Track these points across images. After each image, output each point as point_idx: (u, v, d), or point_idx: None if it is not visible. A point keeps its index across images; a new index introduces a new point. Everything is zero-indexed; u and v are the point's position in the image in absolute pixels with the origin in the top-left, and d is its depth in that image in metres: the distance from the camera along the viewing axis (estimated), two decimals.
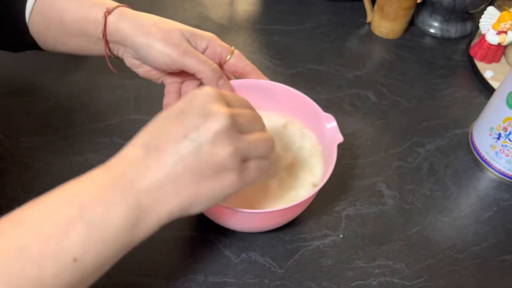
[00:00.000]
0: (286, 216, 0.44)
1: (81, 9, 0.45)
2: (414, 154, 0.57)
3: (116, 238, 0.29)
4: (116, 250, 0.29)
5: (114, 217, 0.28)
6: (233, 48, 0.48)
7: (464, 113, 0.63)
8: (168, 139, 0.30)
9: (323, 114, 0.47)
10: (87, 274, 0.28)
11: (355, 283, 0.45)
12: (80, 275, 0.28)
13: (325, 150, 0.47)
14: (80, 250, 0.27)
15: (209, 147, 0.30)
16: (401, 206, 0.52)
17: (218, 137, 0.30)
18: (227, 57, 0.47)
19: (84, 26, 0.45)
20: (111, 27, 0.44)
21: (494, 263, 0.48)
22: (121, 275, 0.44)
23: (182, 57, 0.43)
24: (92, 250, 0.28)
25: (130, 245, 0.30)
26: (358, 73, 0.67)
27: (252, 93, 0.49)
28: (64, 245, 0.27)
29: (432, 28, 0.75)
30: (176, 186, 0.29)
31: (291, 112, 0.51)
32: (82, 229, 0.27)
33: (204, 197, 0.31)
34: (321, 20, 0.76)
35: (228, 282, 0.44)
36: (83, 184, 0.29)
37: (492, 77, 0.66)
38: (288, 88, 0.49)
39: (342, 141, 0.45)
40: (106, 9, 0.44)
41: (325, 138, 0.47)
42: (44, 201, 0.28)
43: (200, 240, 0.47)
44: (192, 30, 0.45)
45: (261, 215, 0.41)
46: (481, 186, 0.55)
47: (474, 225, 0.51)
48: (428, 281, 0.46)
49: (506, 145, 0.53)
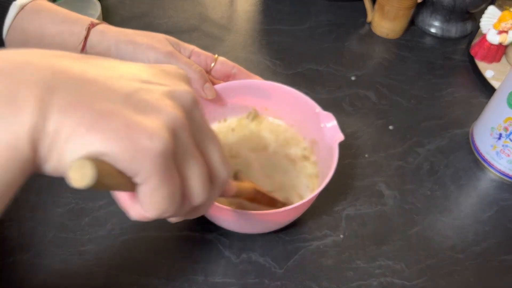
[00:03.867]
0: (286, 217, 0.44)
1: (63, 23, 0.45)
2: (414, 154, 0.57)
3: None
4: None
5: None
6: (216, 55, 0.48)
7: (464, 113, 0.63)
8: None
9: (322, 113, 0.47)
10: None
11: (355, 283, 0.45)
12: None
13: (325, 149, 0.47)
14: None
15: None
16: (401, 206, 0.52)
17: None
18: (212, 64, 0.48)
19: (64, 38, 0.45)
20: (94, 39, 0.45)
21: (494, 263, 0.48)
22: (121, 275, 0.44)
23: (167, 58, 0.44)
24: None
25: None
26: (358, 73, 0.67)
27: (245, 94, 0.49)
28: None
29: (432, 28, 0.75)
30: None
31: (286, 111, 0.51)
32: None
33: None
34: (321, 20, 0.76)
35: (228, 282, 0.44)
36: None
37: (492, 77, 0.66)
38: (283, 87, 0.49)
39: (342, 139, 0.44)
40: (91, 22, 0.45)
41: (325, 137, 0.47)
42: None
43: (200, 241, 0.47)
44: (175, 39, 0.47)
45: (261, 216, 0.41)
46: (481, 186, 0.55)
47: (475, 225, 0.51)
48: (428, 281, 0.46)
49: (507, 145, 0.53)
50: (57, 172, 0.22)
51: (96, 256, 0.45)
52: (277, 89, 0.49)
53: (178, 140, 0.23)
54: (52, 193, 0.49)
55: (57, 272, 0.43)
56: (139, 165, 0.21)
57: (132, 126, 0.21)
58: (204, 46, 0.69)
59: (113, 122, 0.21)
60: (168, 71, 0.27)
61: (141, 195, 0.23)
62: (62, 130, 0.21)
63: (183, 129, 0.24)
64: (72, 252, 0.45)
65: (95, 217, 0.48)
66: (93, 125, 0.21)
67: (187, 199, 0.25)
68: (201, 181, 0.25)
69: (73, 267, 0.44)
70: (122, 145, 0.21)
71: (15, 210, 0.47)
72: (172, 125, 0.23)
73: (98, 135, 0.21)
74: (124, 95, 0.22)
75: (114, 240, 0.46)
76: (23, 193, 0.48)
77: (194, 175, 0.25)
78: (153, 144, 0.21)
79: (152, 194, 0.23)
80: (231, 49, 0.70)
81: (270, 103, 0.51)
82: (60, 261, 0.44)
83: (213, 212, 0.42)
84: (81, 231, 0.46)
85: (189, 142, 0.24)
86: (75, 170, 0.20)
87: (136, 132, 0.21)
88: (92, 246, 0.45)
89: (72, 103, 0.21)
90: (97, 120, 0.21)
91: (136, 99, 0.23)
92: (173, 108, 0.23)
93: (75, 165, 0.20)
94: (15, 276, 0.43)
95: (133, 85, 0.23)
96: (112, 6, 0.75)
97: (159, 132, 0.22)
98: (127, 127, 0.21)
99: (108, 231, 0.47)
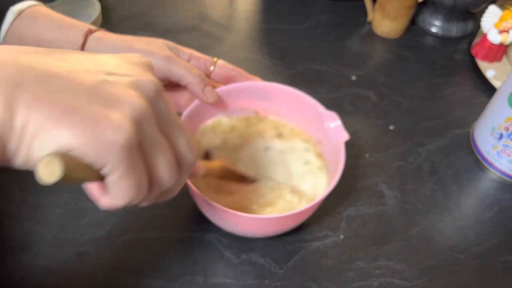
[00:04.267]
0: (291, 222, 0.43)
1: (60, 29, 0.45)
2: (415, 154, 0.57)
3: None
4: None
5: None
6: (216, 58, 0.48)
7: (465, 113, 0.63)
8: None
9: (326, 113, 0.46)
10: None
11: (355, 283, 0.45)
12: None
13: (330, 149, 0.47)
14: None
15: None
16: (402, 206, 0.52)
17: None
18: (211, 67, 0.48)
19: (61, 45, 0.45)
20: (91, 46, 0.45)
21: (495, 264, 0.48)
22: (121, 275, 0.44)
23: (166, 63, 0.44)
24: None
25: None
26: (359, 72, 0.67)
27: (246, 96, 0.49)
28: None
29: (433, 27, 0.75)
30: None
31: (288, 112, 0.51)
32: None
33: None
34: (321, 20, 0.76)
35: (228, 283, 0.44)
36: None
37: (493, 76, 0.66)
38: (285, 88, 0.49)
39: (348, 138, 0.44)
40: (88, 28, 0.45)
41: (329, 137, 0.46)
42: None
43: (200, 241, 0.47)
44: (174, 44, 0.47)
45: (266, 220, 0.40)
46: (482, 186, 0.55)
47: (475, 225, 0.51)
48: (429, 282, 0.45)
49: (508, 145, 0.53)
50: (26, 166, 0.23)
51: (95, 257, 0.45)
52: (279, 90, 0.49)
53: (142, 130, 0.24)
54: (51, 193, 0.49)
55: (56, 272, 0.43)
56: (104, 158, 0.22)
57: (97, 120, 0.22)
58: (204, 45, 0.70)
59: (78, 116, 0.22)
60: (133, 61, 0.27)
61: (109, 185, 0.24)
62: (29, 126, 0.21)
63: (147, 119, 0.24)
64: (71, 252, 0.45)
65: (94, 218, 0.47)
66: (59, 120, 0.21)
67: (155, 185, 0.26)
68: (168, 167, 0.26)
69: (72, 267, 0.44)
70: (88, 139, 0.22)
71: (14, 210, 0.47)
72: (136, 116, 0.23)
73: (63, 130, 0.21)
74: (89, 88, 0.23)
75: (114, 241, 0.46)
76: (22, 193, 0.48)
77: (160, 162, 0.25)
78: (117, 136, 0.22)
79: (119, 183, 0.23)
80: (231, 49, 0.70)
81: (272, 104, 0.50)
82: (59, 262, 0.44)
83: (215, 214, 0.42)
84: (80, 232, 0.46)
85: (154, 131, 0.25)
86: (43, 166, 0.20)
87: (101, 126, 0.22)
88: (91, 247, 0.45)
89: (37, 99, 0.21)
90: (62, 115, 0.21)
91: (100, 92, 0.23)
92: (137, 98, 0.24)
93: (43, 161, 0.20)
94: (14, 277, 0.43)
95: (97, 78, 0.24)
96: (111, 5, 0.75)
97: (123, 124, 0.22)
98: (91, 121, 0.22)
99: (108, 231, 0.46)
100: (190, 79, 0.44)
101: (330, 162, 0.47)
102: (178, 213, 0.49)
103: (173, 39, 0.47)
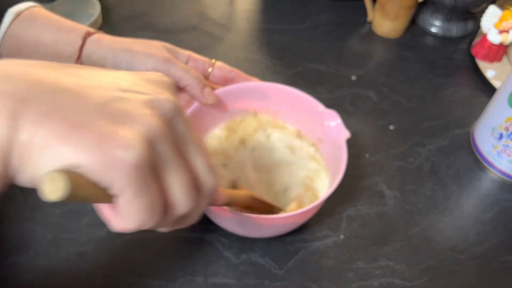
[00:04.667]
0: (294, 222, 0.43)
1: (59, 31, 0.45)
2: (415, 154, 0.57)
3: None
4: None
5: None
6: (214, 60, 0.48)
7: (465, 113, 0.63)
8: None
9: (326, 111, 0.46)
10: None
11: (355, 283, 0.45)
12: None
13: (330, 148, 0.47)
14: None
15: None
16: (402, 206, 0.52)
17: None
18: (209, 69, 0.47)
19: (60, 47, 0.45)
20: (90, 48, 0.45)
21: (495, 264, 0.48)
22: (121, 276, 0.44)
23: (165, 65, 0.44)
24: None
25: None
26: (359, 72, 0.67)
27: (245, 97, 0.49)
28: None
29: (433, 27, 0.75)
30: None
31: (288, 111, 0.51)
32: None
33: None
34: (321, 19, 0.76)
35: (228, 283, 0.44)
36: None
37: (493, 76, 0.66)
38: (284, 87, 0.49)
39: (349, 136, 0.44)
40: (87, 31, 0.45)
41: (330, 135, 0.46)
42: None
43: (200, 241, 0.47)
44: (172, 46, 0.46)
45: (269, 220, 0.40)
46: (482, 186, 0.55)
47: (476, 225, 0.51)
48: (429, 282, 0.45)
49: (508, 145, 0.53)
50: (31, 183, 0.22)
51: (95, 257, 0.45)
52: (278, 90, 0.49)
53: (155, 149, 0.23)
54: None
55: (56, 272, 0.43)
56: (113, 177, 0.21)
57: (105, 137, 0.21)
58: (204, 45, 0.70)
59: (86, 133, 0.21)
60: (152, 79, 0.26)
61: (119, 207, 0.22)
62: (35, 142, 0.20)
63: (162, 139, 0.23)
64: (71, 252, 0.45)
65: (94, 218, 0.47)
66: (66, 136, 0.20)
67: (170, 209, 0.25)
68: (184, 190, 0.25)
69: (72, 267, 0.44)
70: (95, 156, 0.21)
71: (14, 210, 0.47)
72: (148, 135, 0.22)
73: (70, 146, 0.20)
74: (99, 104, 0.22)
75: (114, 241, 0.46)
76: (23, 193, 0.48)
77: (176, 184, 0.24)
78: (127, 155, 0.21)
79: (129, 205, 0.22)
80: (231, 49, 0.69)
81: (272, 104, 0.50)
82: (59, 262, 0.44)
83: (217, 214, 0.42)
84: (80, 232, 0.46)
85: (169, 152, 0.24)
86: (47, 183, 0.20)
87: (110, 143, 0.21)
88: (91, 247, 0.45)
89: (45, 114, 0.20)
90: (69, 131, 0.20)
91: (112, 109, 0.22)
92: (152, 117, 0.23)
93: (47, 177, 0.20)
94: (14, 277, 0.43)
95: (109, 94, 0.23)
96: (111, 5, 0.75)
97: (133, 142, 0.21)
98: (100, 138, 0.21)
99: (107, 232, 0.46)
100: (189, 81, 0.44)
101: (331, 161, 0.47)
102: None
103: (173, 39, 0.48)
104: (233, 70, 0.49)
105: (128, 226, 0.23)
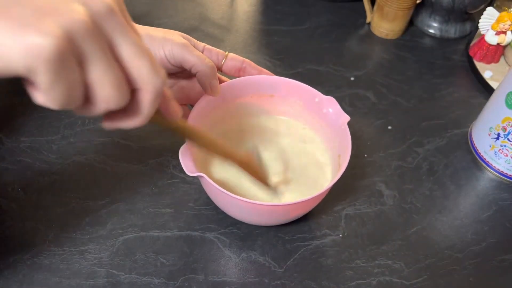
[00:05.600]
0: (299, 210, 0.44)
1: None
2: (414, 154, 0.58)
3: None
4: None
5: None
6: (227, 52, 0.49)
7: (463, 113, 0.63)
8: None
9: (324, 98, 0.48)
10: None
11: (354, 282, 0.45)
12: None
13: (332, 133, 0.48)
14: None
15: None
16: (401, 205, 0.52)
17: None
18: (223, 60, 0.48)
19: None
20: None
21: (493, 263, 0.48)
22: (121, 275, 0.44)
23: (181, 50, 0.44)
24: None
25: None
26: (358, 73, 0.68)
27: (251, 89, 0.50)
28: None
29: (431, 29, 0.75)
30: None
31: (289, 101, 0.52)
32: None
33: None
34: (320, 21, 0.76)
35: (228, 281, 0.44)
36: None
37: (491, 77, 0.67)
38: (283, 79, 0.50)
39: (349, 119, 0.46)
40: None
41: (329, 121, 0.48)
42: None
43: (200, 240, 0.47)
44: (188, 36, 0.47)
45: (274, 207, 0.41)
46: (480, 186, 0.55)
47: (473, 224, 0.51)
48: (427, 281, 0.46)
49: (505, 145, 0.53)
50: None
51: (96, 256, 0.45)
52: (279, 82, 0.50)
53: (77, 43, 0.24)
54: (53, 192, 0.49)
55: (58, 271, 0.44)
56: (29, 62, 0.22)
57: (26, 25, 0.22)
58: None
59: (7, 19, 0.22)
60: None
61: (40, 91, 0.24)
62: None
63: (85, 33, 0.24)
64: (72, 251, 0.45)
65: (96, 217, 0.48)
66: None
67: (97, 101, 0.26)
68: (110, 84, 0.26)
69: (74, 266, 0.44)
70: (13, 43, 0.22)
71: (16, 210, 0.48)
72: (71, 27, 0.23)
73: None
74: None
75: (115, 240, 0.46)
76: (25, 193, 0.49)
77: (100, 78, 0.25)
78: (43, 42, 0.22)
79: (47, 91, 0.24)
80: (231, 49, 0.70)
81: (272, 96, 0.51)
82: (61, 261, 0.44)
83: (223, 201, 0.43)
84: (81, 231, 0.47)
85: (93, 47, 0.25)
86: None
87: (28, 30, 0.22)
88: (92, 246, 0.46)
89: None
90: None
91: (42, 1, 0.23)
92: (78, 13, 0.24)
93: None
94: (15, 275, 0.43)
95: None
96: None
97: (52, 31, 0.23)
98: (20, 25, 0.22)
99: (109, 230, 0.47)
100: (202, 67, 0.44)
101: (332, 149, 0.48)
102: (178, 212, 0.49)
103: None
104: (245, 61, 0.50)
105: (50, 106, 0.25)
